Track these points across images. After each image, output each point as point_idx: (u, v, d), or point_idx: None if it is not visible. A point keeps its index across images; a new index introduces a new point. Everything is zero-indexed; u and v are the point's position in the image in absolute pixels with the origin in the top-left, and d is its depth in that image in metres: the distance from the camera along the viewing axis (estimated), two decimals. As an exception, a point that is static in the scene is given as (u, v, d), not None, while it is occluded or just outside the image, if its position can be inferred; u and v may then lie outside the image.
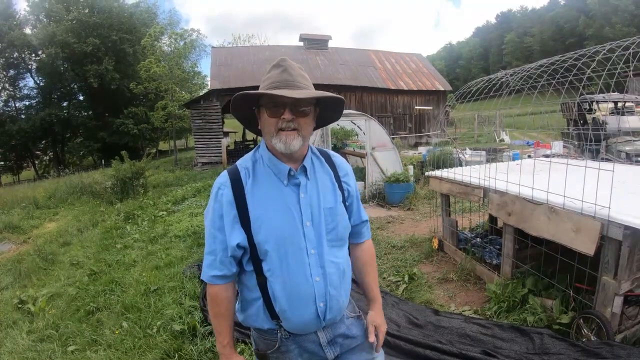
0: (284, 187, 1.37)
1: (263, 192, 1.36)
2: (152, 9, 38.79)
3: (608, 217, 2.52)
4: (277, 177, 1.38)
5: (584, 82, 3.25)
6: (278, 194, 1.36)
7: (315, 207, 1.39)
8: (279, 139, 1.31)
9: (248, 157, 1.44)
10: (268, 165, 1.39)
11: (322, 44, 25.44)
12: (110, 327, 3.71)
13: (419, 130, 23.79)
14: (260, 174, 1.39)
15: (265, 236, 1.32)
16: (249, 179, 1.37)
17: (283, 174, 1.37)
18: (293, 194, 1.37)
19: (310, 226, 1.37)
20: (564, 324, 2.95)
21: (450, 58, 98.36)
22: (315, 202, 1.40)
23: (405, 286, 4.17)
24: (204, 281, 1.41)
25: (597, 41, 40.41)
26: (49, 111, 32.73)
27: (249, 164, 1.41)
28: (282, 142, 1.31)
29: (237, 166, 1.41)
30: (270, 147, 1.38)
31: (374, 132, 9.18)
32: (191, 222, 7.61)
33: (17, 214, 10.74)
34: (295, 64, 1.37)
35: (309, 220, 1.37)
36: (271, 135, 1.33)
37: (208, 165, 19.68)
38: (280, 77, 1.31)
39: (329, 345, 1.47)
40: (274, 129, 1.32)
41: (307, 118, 1.35)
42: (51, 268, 6.19)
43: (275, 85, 1.30)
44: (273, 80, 1.31)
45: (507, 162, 6.23)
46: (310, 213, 1.38)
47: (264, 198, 1.35)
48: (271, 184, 1.37)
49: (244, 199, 1.34)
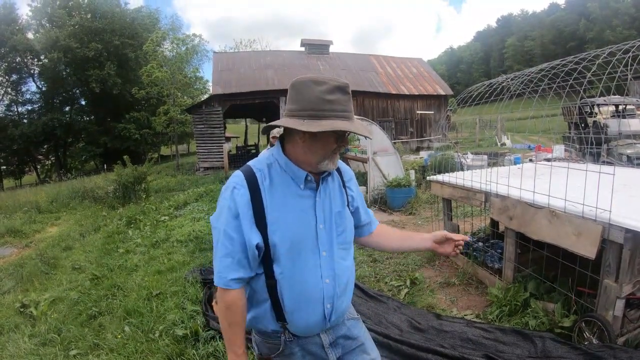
0: (301, 191, 1.40)
1: (280, 194, 1.37)
2: (154, 14, 39.09)
3: (609, 220, 2.52)
4: (294, 181, 1.40)
5: (585, 86, 3.26)
6: (295, 197, 1.39)
7: (327, 211, 1.44)
8: (329, 161, 1.39)
9: (262, 160, 1.44)
10: (285, 169, 1.40)
11: (323, 49, 25.53)
12: (112, 332, 3.71)
13: (420, 135, 23.81)
14: (276, 177, 1.39)
15: (280, 238, 1.34)
16: (265, 181, 1.37)
17: (300, 178, 1.39)
18: (309, 198, 1.41)
19: (323, 229, 1.41)
20: (565, 328, 2.94)
21: (451, 62, 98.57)
22: (327, 206, 1.44)
23: (407, 290, 4.16)
24: (214, 287, 1.40)
25: (597, 44, 40.58)
26: (51, 116, 32.84)
27: (263, 166, 1.41)
28: (332, 164, 1.41)
29: (251, 167, 1.40)
30: (293, 154, 1.40)
31: (375, 136, 9.18)
32: (193, 226, 7.61)
33: (19, 218, 10.74)
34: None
35: (322, 223, 1.41)
36: (323, 157, 1.37)
37: (210, 170, 19.69)
38: (348, 106, 1.33)
39: (331, 347, 1.49)
40: (330, 152, 1.37)
41: None
42: (53, 272, 6.19)
43: (344, 116, 1.31)
44: (343, 108, 1.31)
45: (509, 166, 6.24)
46: (323, 217, 1.42)
47: (281, 200, 1.37)
48: (288, 188, 1.39)
49: (261, 200, 1.34)
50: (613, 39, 42.15)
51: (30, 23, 34.42)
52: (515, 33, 75.67)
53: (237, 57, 25.22)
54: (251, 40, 66.66)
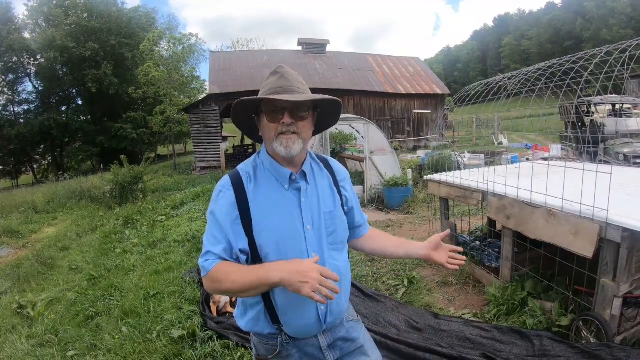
0: (286, 191, 1.39)
1: (265, 196, 1.37)
2: (151, 13, 38.98)
3: (606, 219, 2.53)
4: (278, 181, 1.39)
5: (582, 85, 3.27)
6: (280, 198, 1.38)
7: (315, 211, 1.41)
8: (279, 143, 1.32)
9: (249, 162, 1.46)
10: (269, 170, 1.40)
11: (320, 49, 25.53)
12: (109, 332, 3.70)
13: (417, 134, 23.85)
14: (261, 179, 1.40)
15: (266, 239, 1.33)
16: (250, 183, 1.38)
17: (285, 178, 1.39)
18: (294, 198, 1.39)
19: (311, 230, 1.38)
20: (563, 327, 2.95)
21: (448, 61, 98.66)
22: (315, 206, 1.42)
23: (404, 290, 4.17)
24: (203, 279, 1.35)
25: (594, 43, 40.71)
26: (48, 116, 32.70)
27: (250, 168, 1.42)
28: (282, 146, 1.32)
29: (238, 171, 1.43)
30: (271, 152, 1.40)
31: (372, 136, 9.20)
32: (190, 226, 7.60)
33: (15, 219, 10.70)
34: (292, 70, 1.39)
35: (309, 224, 1.39)
36: (272, 139, 1.34)
37: (207, 169, 19.68)
38: (279, 83, 1.33)
39: (329, 349, 1.48)
40: (274, 133, 1.33)
41: (306, 122, 1.37)
42: (50, 273, 6.17)
43: (273, 91, 1.31)
44: (272, 86, 1.33)
45: (506, 165, 6.25)
46: (310, 217, 1.39)
47: (266, 202, 1.36)
48: (273, 188, 1.38)
49: (247, 202, 1.35)
50: (610, 38, 42.30)
51: (27, 23, 34.23)
52: (512, 32, 75.81)
53: (234, 57, 25.21)
54: (248, 40, 66.69)
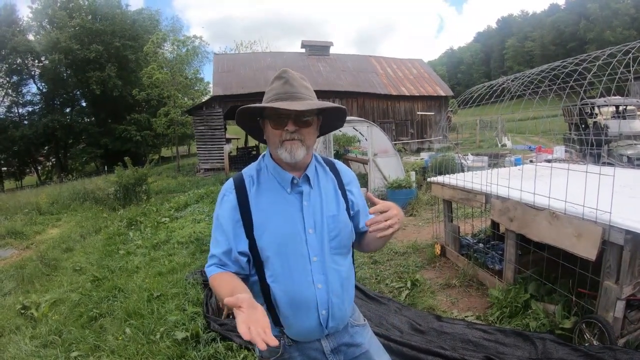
0: (288, 194, 1.39)
1: (266, 199, 1.38)
2: (154, 16, 39.03)
3: (609, 222, 2.52)
4: (280, 185, 1.40)
5: (585, 87, 3.26)
6: (281, 201, 1.38)
7: (318, 215, 1.40)
8: (284, 149, 1.33)
9: (253, 166, 1.47)
10: (272, 173, 1.41)
11: (323, 51, 25.57)
12: (113, 333, 3.72)
13: (420, 136, 23.82)
14: (264, 182, 1.41)
15: (267, 242, 1.34)
16: (253, 186, 1.40)
17: (287, 182, 1.39)
18: (296, 202, 1.39)
19: (312, 234, 1.38)
20: (566, 329, 2.94)
21: (451, 63, 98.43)
22: (318, 210, 1.41)
23: (407, 292, 4.17)
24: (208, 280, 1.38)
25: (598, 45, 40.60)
26: (52, 117, 32.82)
27: (253, 172, 1.44)
28: (287, 152, 1.33)
29: (242, 174, 1.44)
30: (275, 157, 1.40)
31: (376, 138, 9.21)
32: (194, 228, 7.62)
33: (19, 220, 10.75)
34: (297, 74, 1.38)
35: (311, 228, 1.38)
36: (276, 146, 1.35)
37: (210, 171, 19.70)
38: (283, 88, 1.32)
39: (332, 354, 1.47)
40: (278, 140, 1.34)
41: (310, 128, 1.37)
42: (54, 274, 6.20)
43: (277, 97, 1.31)
44: (276, 92, 1.33)
45: (509, 167, 6.24)
46: (313, 221, 1.39)
47: (268, 205, 1.37)
48: (275, 192, 1.39)
49: (248, 205, 1.36)
50: (613, 40, 42.15)
51: (31, 25, 34.41)
52: (515, 34, 75.58)
53: (237, 59, 25.26)
54: (251, 42, 66.69)
